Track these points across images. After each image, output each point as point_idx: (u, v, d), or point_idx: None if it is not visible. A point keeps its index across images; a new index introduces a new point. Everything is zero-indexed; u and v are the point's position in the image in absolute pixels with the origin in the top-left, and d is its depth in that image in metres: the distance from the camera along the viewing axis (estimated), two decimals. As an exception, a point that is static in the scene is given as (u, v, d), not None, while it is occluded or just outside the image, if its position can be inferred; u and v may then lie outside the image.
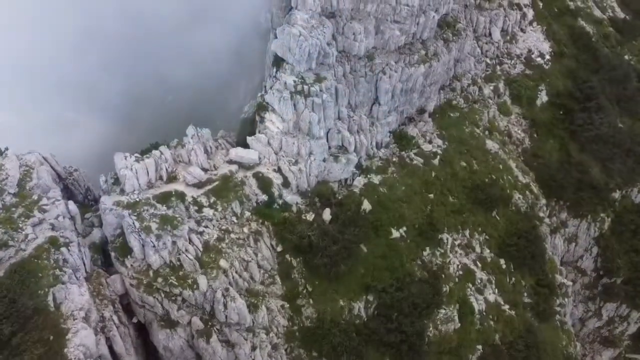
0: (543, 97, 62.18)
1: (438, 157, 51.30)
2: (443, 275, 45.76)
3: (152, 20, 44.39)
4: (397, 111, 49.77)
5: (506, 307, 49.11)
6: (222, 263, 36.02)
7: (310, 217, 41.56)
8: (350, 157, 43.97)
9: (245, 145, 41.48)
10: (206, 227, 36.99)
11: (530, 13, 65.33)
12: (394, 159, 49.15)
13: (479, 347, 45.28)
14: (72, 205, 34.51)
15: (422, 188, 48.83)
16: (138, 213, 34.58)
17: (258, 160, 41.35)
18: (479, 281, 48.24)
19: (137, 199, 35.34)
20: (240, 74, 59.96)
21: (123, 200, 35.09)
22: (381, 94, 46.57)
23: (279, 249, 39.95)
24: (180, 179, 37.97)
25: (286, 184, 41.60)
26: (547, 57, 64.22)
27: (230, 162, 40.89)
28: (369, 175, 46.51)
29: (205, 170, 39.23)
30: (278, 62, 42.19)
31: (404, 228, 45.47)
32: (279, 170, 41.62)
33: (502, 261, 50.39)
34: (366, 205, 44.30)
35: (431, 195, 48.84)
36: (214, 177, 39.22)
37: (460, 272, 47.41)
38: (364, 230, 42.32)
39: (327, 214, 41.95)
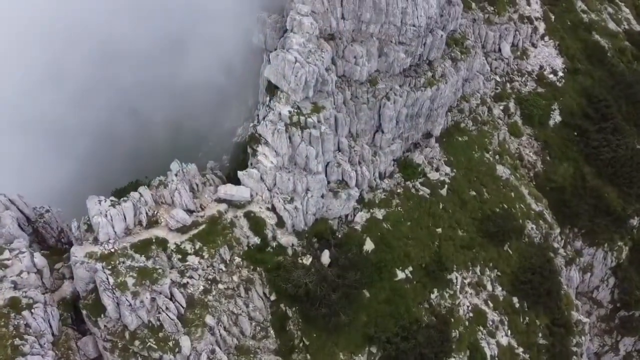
0: (556, 117, 58.46)
1: (446, 186, 47.54)
2: (452, 319, 42.03)
3: (127, 48, 40.58)
4: (401, 137, 45.94)
5: (520, 350, 45.41)
6: (208, 319, 32.20)
7: (307, 260, 37.75)
8: (351, 192, 40.16)
9: (239, 175, 37.67)
10: (191, 277, 33.18)
11: (541, 27, 61.53)
12: (399, 190, 45.36)
13: (492, 397, 41.66)
14: (38, 258, 30.58)
15: (429, 221, 45.08)
16: (113, 266, 30.72)
17: (250, 198, 37.54)
18: (491, 323, 44.50)
19: (113, 250, 31.47)
20: (233, 94, 56.27)
21: (96, 251, 31.22)
22: (385, 121, 42.76)
23: (273, 297, 36.13)
24: (162, 223, 34.13)
25: (281, 223, 37.79)
26: (560, 73, 60.46)
27: (219, 200, 37.07)
28: (371, 210, 42.72)
29: (190, 212, 35.38)
30: (272, 89, 38.35)
31: (410, 268, 41.73)
32: (272, 209, 37.81)
33: (515, 299, 46.66)
34: (368, 245, 40.51)
35: (439, 230, 45.08)
36: (201, 220, 35.38)
37: (471, 314, 43.69)
38: (366, 274, 38.47)
39: (325, 257, 38.14)
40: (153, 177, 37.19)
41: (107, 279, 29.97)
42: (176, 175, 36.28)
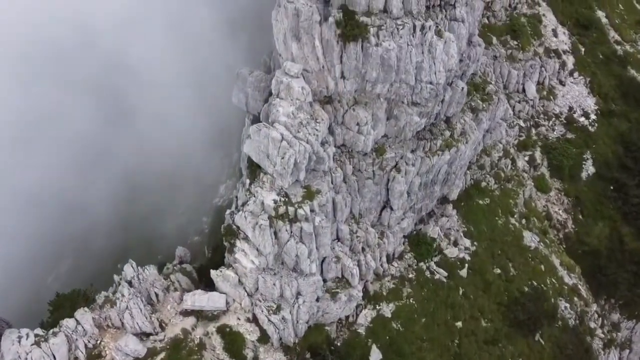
0: (589, 168, 50.58)
1: (466, 265, 39.83)
2: None
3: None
4: (413, 210, 38.13)
5: None
6: None
7: (298, 385, 29.96)
8: (353, 292, 32.37)
9: (212, 276, 29.89)
10: None
11: (570, 61, 53.57)
12: (410, 275, 37.59)
13: None
14: None
15: (447, 314, 37.38)
16: None
17: (225, 307, 29.74)
18: None
19: (36, 407, 23.61)
20: (217, 142, 48.85)
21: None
22: (394, 196, 34.90)
23: None
24: (107, 356, 26.21)
25: (264, 338, 29.99)
26: (592, 116, 52.52)
27: (186, 313, 29.23)
28: (378, 306, 35.02)
29: (146, 335, 27.51)
30: (254, 167, 30.46)
31: (426, 380, 34.01)
32: (254, 320, 30.05)
33: (550, 402, 38.97)
34: (375, 356, 32.75)
35: (459, 324, 37.38)
36: (160, 346, 27.53)
37: None
38: (372, 396, 30.76)
39: (321, 380, 30.37)
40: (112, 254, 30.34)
41: None
42: (130, 283, 28.38)
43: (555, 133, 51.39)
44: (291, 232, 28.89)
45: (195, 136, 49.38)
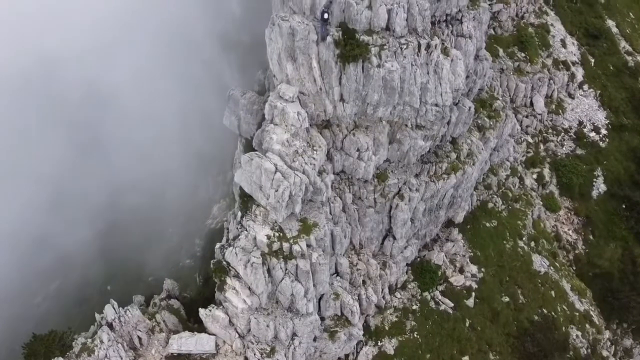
0: (600, 186, 48.29)
1: (473, 294, 37.52)
2: None
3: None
4: (417, 236, 35.89)
5: None
6: None
7: None
8: (353, 331, 30.15)
9: (200, 315, 27.62)
10: None
11: (579, 72, 51.29)
12: (414, 306, 35.34)
13: None
14: None
15: (453, 348, 35.15)
16: None
17: (215, 350, 27.49)
18: None
19: None
20: (211, 157, 46.60)
21: None
22: (397, 225, 32.64)
23: None
24: (84, 411, 23.96)
25: (257, 384, 27.66)
26: (603, 130, 50.24)
27: (172, 357, 26.92)
28: (380, 342, 32.80)
29: (127, 385, 25.22)
30: (246, 198, 28.18)
31: (431, 423, 31.78)
32: (246, 364, 27.70)
33: None
34: (377, 399, 30.48)
35: (465, 358, 35.05)
36: (142, 397, 25.22)
37: None
38: None
39: None
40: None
41: None
42: (110, 325, 26.10)
43: (564, 149, 49.10)
44: (286, 269, 26.64)
45: (187, 151, 47.12)
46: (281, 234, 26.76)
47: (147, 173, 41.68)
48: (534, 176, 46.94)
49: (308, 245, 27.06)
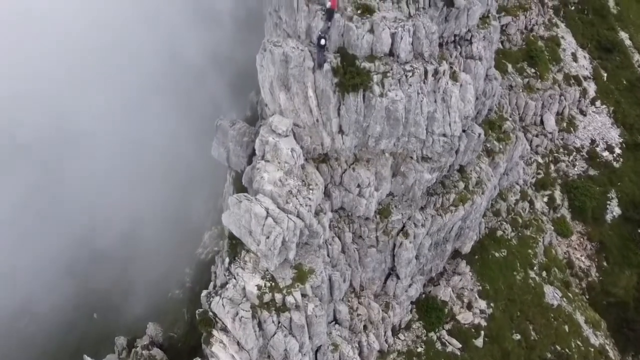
0: (614, 209, 45.71)
1: (482, 332, 34.86)
2: None
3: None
4: (422, 272, 33.24)
5: None
6: None
7: None
8: (354, 384, 27.35)
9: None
10: None
11: (592, 88, 48.67)
12: (419, 349, 32.69)
13: None
14: None
15: (461, 395, 32.38)
16: None
17: (200, 411, 24.75)
18: None
19: None
20: (203, 170, 44.21)
21: None
22: (401, 264, 29.99)
23: None
24: None
25: None
26: (617, 150, 47.60)
27: (152, 420, 24.25)
28: (382, 392, 30.01)
29: None
30: (234, 241, 25.51)
31: None
32: None
33: None
34: None
35: (475, 405, 32.40)
36: None
37: None
38: None
39: None
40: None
41: None
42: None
43: (576, 169, 46.47)
44: (279, 323, 23.99)
45: (176, 174, 44.60)
46: (273, 284, 24.10)
47: (132, 200, 39.16)
48: (545, 199, 44.34)
49: (303, 295, 24.40)
